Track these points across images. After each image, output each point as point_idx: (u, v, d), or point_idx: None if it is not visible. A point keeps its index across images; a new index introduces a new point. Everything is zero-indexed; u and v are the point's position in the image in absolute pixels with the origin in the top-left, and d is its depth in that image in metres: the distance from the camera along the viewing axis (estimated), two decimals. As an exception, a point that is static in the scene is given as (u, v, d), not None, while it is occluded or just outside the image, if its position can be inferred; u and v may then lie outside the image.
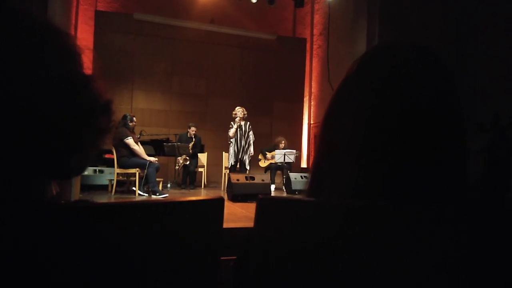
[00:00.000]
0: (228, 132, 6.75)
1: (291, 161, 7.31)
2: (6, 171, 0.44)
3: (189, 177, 7.20)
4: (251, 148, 6.78)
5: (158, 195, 5.54)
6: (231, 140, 6.72)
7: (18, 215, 0.40)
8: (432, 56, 0.60)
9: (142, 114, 8.41)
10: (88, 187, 6.22)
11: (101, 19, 8.50)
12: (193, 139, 7.24)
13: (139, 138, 6.31)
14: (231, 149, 6.74)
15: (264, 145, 8.20)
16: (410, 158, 0.55)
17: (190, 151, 7.01)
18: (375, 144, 0.57)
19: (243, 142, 6.71)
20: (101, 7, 8.92)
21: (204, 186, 7.75)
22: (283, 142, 7.70)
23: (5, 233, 0.39)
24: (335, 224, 0.50)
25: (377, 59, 0.62)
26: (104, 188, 6.30)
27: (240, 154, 6.72)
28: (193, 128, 7.31)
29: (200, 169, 7.74)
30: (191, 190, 6.97)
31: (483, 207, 0.49)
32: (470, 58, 5.85)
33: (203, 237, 0.52)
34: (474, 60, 5.83)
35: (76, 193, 4.46)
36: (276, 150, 7.50)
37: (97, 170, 6.57)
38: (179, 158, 6.94)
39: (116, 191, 5.89)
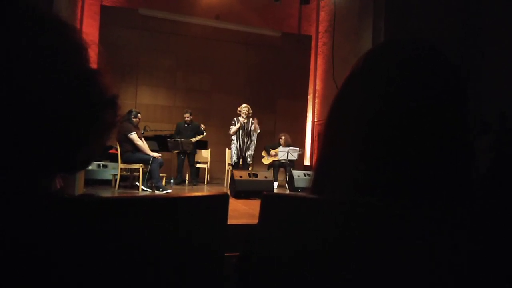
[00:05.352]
0: (229, 129, 6.76)
1: (294, 158, 7.30)
2: (13, 165, 0.44)
3: (191, 172, 7.19)
4: (253, 143, 6.79)
5: (161, 191, 5.56)
6: (233, 137, 6.73)
7: (25, 209, 0.40)
8: (438, 54, 0.59)
9: (147, 109, 8.42)
10: (92, 181, 6.25)
11: (106, 14, 8.51)
12: (192, 126, 7.33)
13: (143, 133, 6.32)
14: (233, 147, 6.75)
15: (267, 143, 8.19)
16: (414, 155, 0.55)
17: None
18: (379, 142, 0.56)
19: (245, 140, 6.72)
20: (106, 2, 8.91)
21: (207, 183, 7.76)
22: (283, 137, 7.71)
23: (12, 226, 0.39)
24: (338, 222, 0.50)
25: (382, 56, 0.62)
26: (107, 183, 6.33)
27: (243, 151, 6.73)
28: (186, 114, 7.38)
29: (203, 165, 7.75)
30: (194, 186, 6.99)
31: (488, 205, 0.48)
32: (476, 57, 5.81)
33: (207, 233, 0.52)
34: (480, 58, 5.79)
35: (80, 188, 4.48)
36: (279, 148, 7.50)
37: (101, 164, 6.60)
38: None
39: (119, 186, 5.92)
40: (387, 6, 5.78)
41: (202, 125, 7.43)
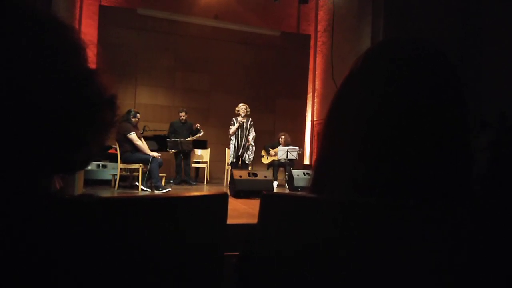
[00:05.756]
0: (228, 129, 6.76)
1: (294, 158, 7.30)
2: (12, 166, 0.44)
3: (185, 171, 7.18)
4: (252, 144, 6.78)
5: (161, 191, 5.56)
6: (231, 137, 6.74)
7: (25, 209, 0.40)
8: (437, 53, 0.59)
9: (146, 109, 8.41)
10: (91, 181, 6.24)
11: (105, 14, 8.50)
12: (187, 125, 7.35)
13: (142, 133, 6.32)
14: (232, 146, 6.76)
15: (267, 142, 8.19)
16: (414, 155, 0.55)
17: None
18: (378, 141, 0.56)
19: (244, 139, 6.71)
20: (105, 2, 8.90)
21: (206, 182, 7.76)
22: (282, 137, 7.71)
23: (12, 226, 0.39)
24: (338, 221, 0.50)
25: (381, 55, 0.62)
26: (107, 183, 6.33)
27: (241, 150, 6.72)
28: (182, 113, 7.37)
29: (202, 165, 7.74)
30: (193, 186, 6.99)
31: (488, 205, 0.48)
32: (476, 56, 5.81)
33: (207, 233, 0.52)
34: (479, 58, 5.80)
35: (79, 188, 4.48)
36: (279, 147, 7.50)
37: (100, 165, 6.59)
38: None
39: (119, 186, 5.92)
40: (386, 6, 5.77)
41: (198, 124, 7.41)
